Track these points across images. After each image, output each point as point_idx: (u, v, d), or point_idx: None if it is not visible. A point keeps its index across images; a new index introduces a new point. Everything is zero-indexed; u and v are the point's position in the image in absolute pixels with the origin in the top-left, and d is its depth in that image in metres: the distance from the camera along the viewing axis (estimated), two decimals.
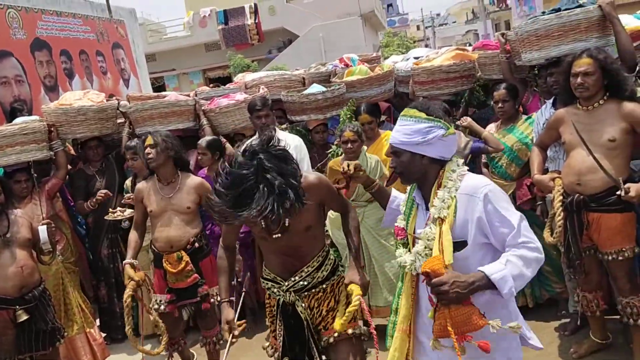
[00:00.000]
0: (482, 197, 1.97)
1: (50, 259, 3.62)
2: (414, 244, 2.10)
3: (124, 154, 4.52)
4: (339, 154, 4.22)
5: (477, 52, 4.67)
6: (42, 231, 3.47)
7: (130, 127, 4.83)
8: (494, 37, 4.75)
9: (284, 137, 3.20)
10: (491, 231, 1.97)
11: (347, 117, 4.43)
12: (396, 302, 2.23)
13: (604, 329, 3.48)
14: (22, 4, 7.23)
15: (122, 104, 5.01)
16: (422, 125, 2.03)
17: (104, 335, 4.61)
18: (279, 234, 2.34)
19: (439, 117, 2.04)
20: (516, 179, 3.96)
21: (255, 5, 23.33)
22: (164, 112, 4.73)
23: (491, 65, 4.45)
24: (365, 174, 2.47)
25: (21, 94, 6.84)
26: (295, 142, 4.16)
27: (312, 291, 2.58)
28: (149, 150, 3.52)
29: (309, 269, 2.56)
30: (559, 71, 3.33)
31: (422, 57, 5.24)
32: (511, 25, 24.81)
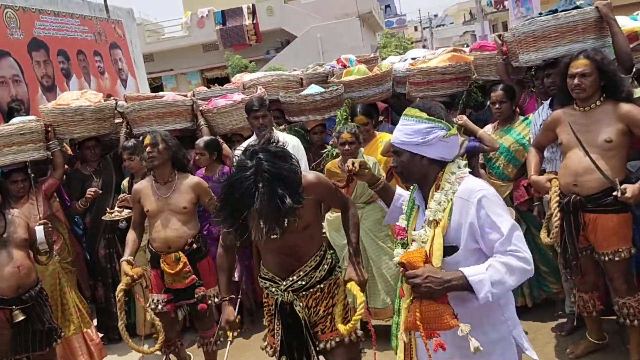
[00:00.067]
0: (476, 201, 1.93)
1: (47, 259, 3.62)
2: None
3: (121, 154, 4.52)
4: (333, 154, 4.22)
5: (474, 53, 4.68)
6: (39, 231, 3.47)
7: (127, 127, 4.82)
8: (491, 38, 4.75)
9: (281, 137, 3.21)
10: (481, 237, 1.93)
11: (343, 118, 4.43)
12: (398, 303, 2.23)
13: (601, 329, 3.48)
14: (20, 3, 7.22)
15: (119, 104, 4.99)
16: (423, 125, 2.00)
17: (101, 335, 4.59)
18: (277, 235, 2.35)
19: (440, 118, 2.01)
20: (513, 179, 3.97)
21: (253, 5, 23.32)
22: (161, 112, 4.72)
23: (488, 66, 4.46)
24: (370, 172, 2.46)
25: (18, 94, 6.83)
26: (292, 142, 4.16)
27: (309, 291, 2.60)
28: (149, 149, 3.50)
29: (306, 269, 2.58)
30: (556, 72, 3.34)
31: (419, 58, 5.24)
32: (508, 26, 24.86)
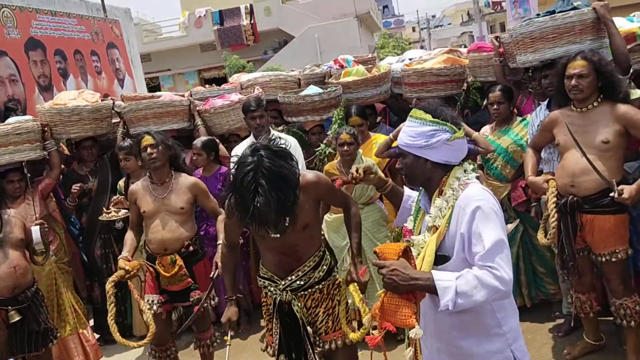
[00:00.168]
0: (470, 212, 1.88)
1: (43, 259, 3.61)
2: None
3: (117, 154, 4.51)
4: (326, 152, 4.21)
5: (472, 54, 4.68)
6: (35, 231, 3.46)
7: (124, 127, 4.81)
8: (489, 39, 4.75)
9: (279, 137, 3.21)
10: (467, 248, 1.89)
11: (339, 118, 4.43)
12: None
13: (598, 330, 3.49)
14: (17, 3, 7.20)
15: (117, 104, 4.98)
16: (427, 128, 1.95)
17: (97, 336, 4.58)
18: (278, 234, 2.37)
19: (445, 120, 1.95)
20: (511, 180, 3.97)
21: (250, 5, 23.31)
22: (158, 113, 4.72)
23: (486, 67, 4.47)
24: (376, 176, 2.40)
25: (15, 94, 6.81)
26: (290, 143, 4.15)
27: (308, 291, 2.62)
28: (150, 150, 3.45)
29: (305, 269, 2.60)
30: (553, 73, 3.34)
31: (415, 59, 5.25)
32: (506, 27, 24.89)
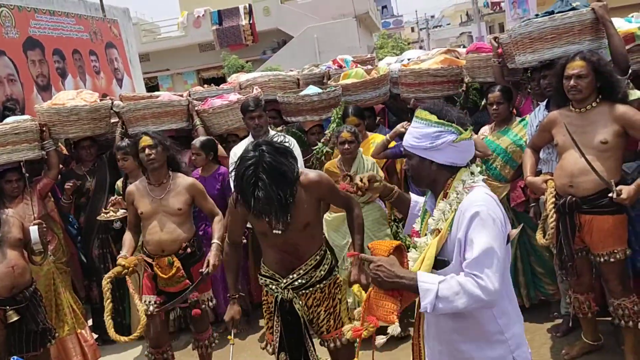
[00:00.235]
0: (469, 217, 1.84)
1: (41, 259, 3.60)
2: None
3: (116, 154, 4.50)
4: (324, 151, 4.21)
5: (471, 55, 4.68)
6: (33, 231, 3.45)
7: (123, 127, 4.81)
8: (487, 39, 4.75)
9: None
10: (461, 252, 1.87)
11: (337, 117, 4.43)
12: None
13: (596, 330, 3.49)
14: (15, 2, 7.20)
15: (115, 103, 4.98)
16: (432, 129, 1.91)
17: (95, 336, 4.58)
18: (280, 231, 2.40)
19: (451, 121, 1.91)
20: (511, 180, 3.97)
21: (249, 5, 23.30)
22: (157, 112, 4.71)
23: (485, 68, 4.46)
24: (381, 184, 2.31)
25: (13, 93, 6.80)
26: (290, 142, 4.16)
27: (309, 290, 2.65)
28: (148, 151, 3.43)
29: (306, 267, 2.63)
30: (552, 74, 3.34)
31: (413, 59, 5.24)
32: (505, 27, 24.92)
